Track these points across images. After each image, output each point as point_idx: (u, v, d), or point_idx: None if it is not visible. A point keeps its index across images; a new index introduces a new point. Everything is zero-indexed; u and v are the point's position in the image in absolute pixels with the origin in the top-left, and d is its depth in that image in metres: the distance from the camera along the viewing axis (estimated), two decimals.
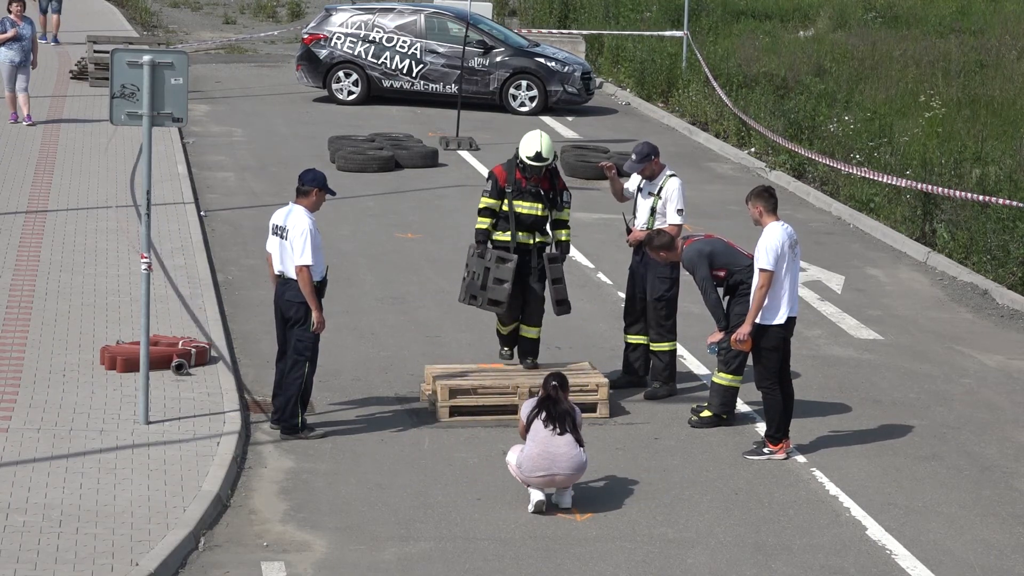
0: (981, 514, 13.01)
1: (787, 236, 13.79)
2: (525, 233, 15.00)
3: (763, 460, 13.92)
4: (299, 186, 13.94)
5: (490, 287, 14.84)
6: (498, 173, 15.03)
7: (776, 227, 13.81)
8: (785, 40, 35.89)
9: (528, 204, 14.97)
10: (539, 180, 14.97)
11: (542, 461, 12.51)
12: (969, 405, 15.71)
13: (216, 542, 11.88)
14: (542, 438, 12.55)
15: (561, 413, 12.63)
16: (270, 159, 25.56)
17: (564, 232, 15.20)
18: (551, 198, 15.03)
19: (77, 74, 31.85)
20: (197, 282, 18.09)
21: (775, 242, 13.69)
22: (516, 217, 14.93)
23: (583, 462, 12.65)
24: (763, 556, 12.05)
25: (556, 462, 12.52)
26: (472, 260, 15.01)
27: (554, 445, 12.53)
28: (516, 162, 14.94)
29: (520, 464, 12.61)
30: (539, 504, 12.56)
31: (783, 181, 25.44)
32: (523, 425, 12.72)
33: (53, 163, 23.90)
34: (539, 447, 12.53)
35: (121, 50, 13.86)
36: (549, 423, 12.58)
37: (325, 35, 30.79)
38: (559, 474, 12.55)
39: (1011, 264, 19.71)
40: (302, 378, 13.88)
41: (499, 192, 14.95)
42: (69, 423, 13.69)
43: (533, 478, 12.56)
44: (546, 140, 14.91)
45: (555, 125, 29.61)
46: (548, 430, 12.56)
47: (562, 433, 12.56)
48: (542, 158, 14.86)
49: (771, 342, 13.83)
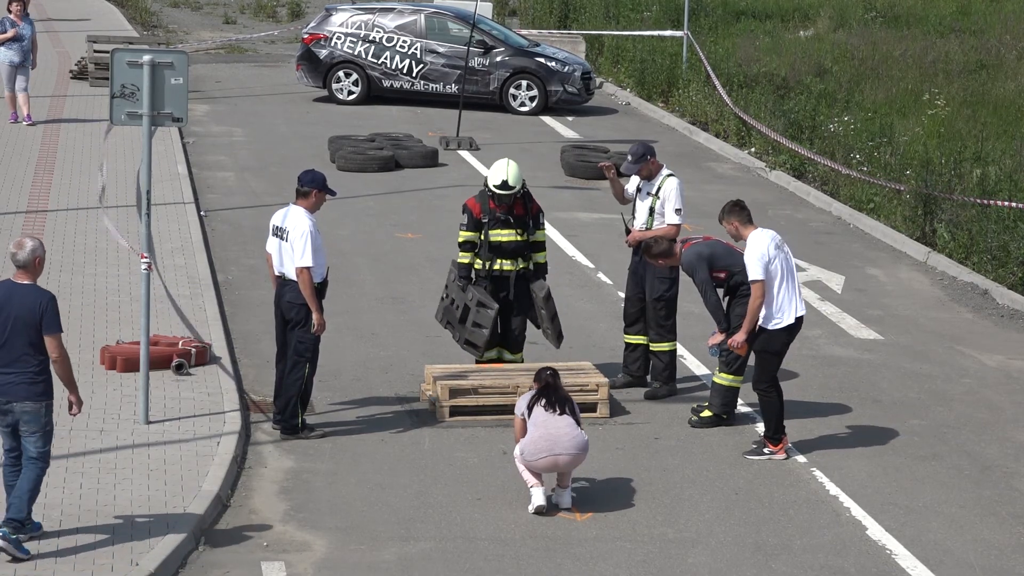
0: (981, 514, 13.01)
1: (771, 240, 13.83)
2: (509, 262, 15.13)
3: (763, 460, 13.92)
4: (298, 187, 13.93)
5: (469, 328, 15.01)
6: (471, 206, 15.22)
7: (757, 235, 13.85)
8: (785, 40, 35.88)
9: (507, 232, 15.11)
10: (509, 208, 15.09)
11: (544, 443, 12.51)
12: (969, 405, 15.71)
13: (216, 542, 11.88)
14: (542, 420, 12.59)
15: (561, 398, 12.71)
16: (270, 159, 25.55)
17: (541, 255, 15.37)
18: (526, 222, 15.18)
19: (77, 74, 31.83)
20: (197, 282, 18.09)
21: (760, 250, 13.73)
22: (497, 246, 15.09)
23: (585, 441, 12.66)
24: (763, 556, 12.05)
25: (558, 442, 12.51)
26: (453, 287, 15.22)
27: (555, 426, 12.54)
28: (487, 192, 15.05)
29: (523, 450, 12.63)
30: (539, 508, 12.56)
31: (783, 181, 25.44)
32: (519, 421, 12.74)
33: (53, 163, 23.89)
34: (540, 429, 12.56)
35: (121, 50, 13.88)
36: (549, 407, 12.61)
37: (325, 35, 30.77)
38: (562, 454, 12.53)
39: (1011, 264, 19.71)
40: (302, 379, 13.88)
41: (476, 224, 15.13)
42: (69, 423, 13.68)
43: (537, 462, 12.55)
44: (513, 168, 15.05)
45: (555, 125, 29.61)
46: (548, 412, 12.59)
47: (561, 414, 12.60)
48: (508, 186, 15.00)
49: (774, 346, 13.83)
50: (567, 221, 22.04)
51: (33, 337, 11.09)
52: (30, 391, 11.12)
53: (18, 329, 11.08)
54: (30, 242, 11.31)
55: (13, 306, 11.10)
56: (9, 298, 11.14)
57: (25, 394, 11.11)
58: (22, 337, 11.08)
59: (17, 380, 11.10)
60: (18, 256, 11.24)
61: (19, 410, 11.15)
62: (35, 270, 11.26)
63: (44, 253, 11.36)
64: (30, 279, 11.24)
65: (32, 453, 11.23)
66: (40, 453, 11.23)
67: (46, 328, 11.08)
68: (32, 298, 11.11)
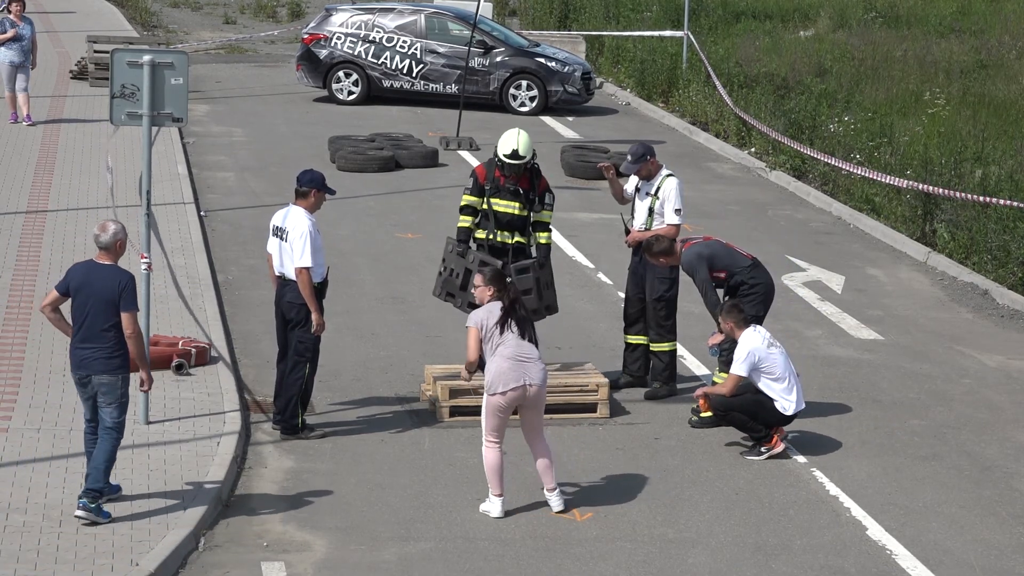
0: (981, 514, 13.01)
1: (762, 340, 13.95)
2: (504, 232, 15.02)
3: (763, 460, 13.91)
4: (297, 187, 13.92)
5: (470, 290, 14.83)
6: (479, 171, 15.14)
7: (749, 335, 13.97)
8: (785, 40, 35.89)
9: (506, 202, 15.00)
10: (518, 179, 14.96)
11: (514, 372, 12.19)
12: (969, 405, 15.71)
13: (216, 542, 11.88)
14: (512, 343, 12.31)
15: (524, 319, 12.43)
16: (270, 159, 25.56)
17: (544, 235, 15.17)
18: (530, 198, 15.03)
19: (77, 74, 31.85)
20: (197, 282, 18.09)
21: (749, 348, 13.84)
22: (494, 216, 14.96)
23: (547, 375, 12.45)
24: (763, 556, 12.05)
25: (528, 371, 12.24)
26: (450, 256, 14.99)
27: (524, 351, 12.29)
28: (496, 160, 14.97)
29: (492, 383, 12.25)
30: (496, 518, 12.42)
31: (783, 181, 25.44)
32: (475, 333, 12.41)
33: (53, 163, 23.90)
34: (511, 350, 12.27)
35: (121, 50, 13.88)
36: (520, 332, 12.32)
37: (325, 35, 30.78)
38: (532, 384, 12.25)
39: (1011, 264, 19.71)
40: (302, 379, 13.88)
41: (479, 190, 15.02)
42: (69, 423, 13.69)
43: (507, 394, 12.20)
44: (524, 138, 14.94)
45: (555, 125, 29.62)
46: (515, 335, 12.32)
47: (529, 340, 12.36)
48: (519, 155, 14.87)
49: (761, 411, 13.93)
50: (567, 221, 22.03)
51: (111, 314, 11.78)
52: (107, 364, 11.80)
53: (98, 307, 11.79)
54: (113, 225, 12.02)
55: (93, 285, 11.83)
56: (89, 278, 11.88)
57: (103, 368, 11.80)
58: (101, 314, 11.79)
59: (95, 355, 11.80)
60: (101, 238, 11.99)
61: (97, 382, 11.84)
62: (116, 252, 12.01)
63: (126, 237, 12.09)
64: (111, 260, 11.98)
65: (108, 423, 11.90)
66: (115, 423, 11.91)
67: (124, 306, 11.77)
68: (112, 278, 11.83)
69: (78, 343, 11.85)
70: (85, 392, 11.94)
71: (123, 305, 11.75)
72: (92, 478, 11.83)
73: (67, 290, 11.95)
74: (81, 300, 11.83)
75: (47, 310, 12.07)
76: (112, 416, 11.88)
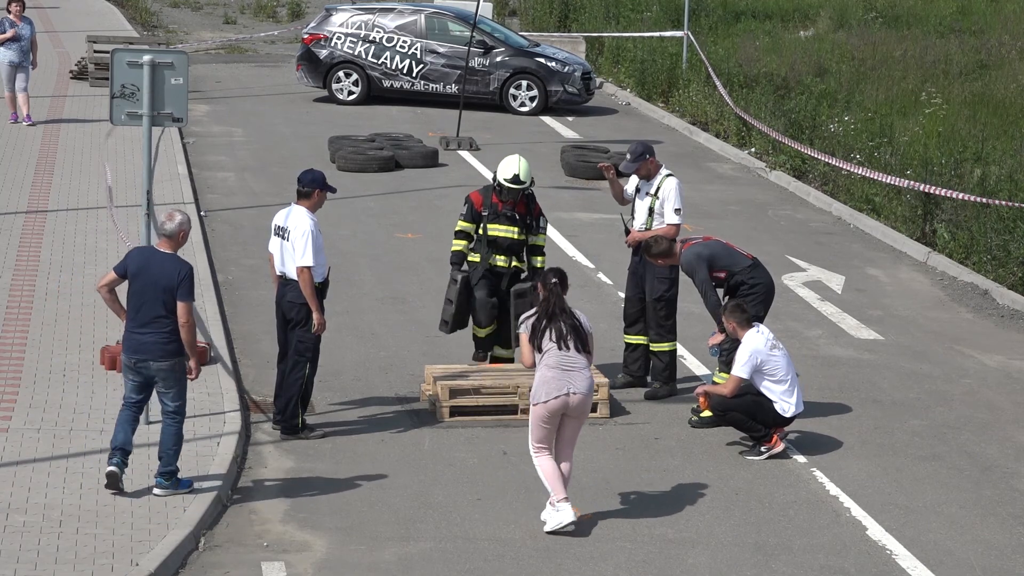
0: (981, 514, 13.01)
1: (765, 341, 13.95)
2: (503, 257, 15.23)
3: (763, 459, 13.91)
4: (299, 188, 13.93)
5: (444, 307, 15.28)
6: (474, 198, 15.40)
7: (751, 336, 13.97)
8: (785, 40, 35.88)
9: (504, 227, 15.24)
10: (515, 204, 15.23)
11: (557, 381, 12.11)
12: (969, 405, 15.71)
13: (216, 542, 11.88)
14: (554, 353, 12.23)
15: (571, 328, 12.30)
16: (270, 159, 25.55)
17: (540, 259, 15.42)
18: (527, 222, 15.28)
19: (77, 74, 31.84)
20: (197, 282, 18.04)
21: (751, 349, 13.84)
22: (493, 240, 15.20)
23: (593, 383, 12.36)
24: (763, 556, 12.05)
25: (572, 380, 12.16)
26: (450, 289, 15.38)
27: (568, 360, 12.21)
28: (493, 186, 15.24)
29: (535, 392, 12.20)
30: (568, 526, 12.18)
31: (783, 181, 25.44)
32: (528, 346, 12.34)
33: (53, 163, 23.90)
34: (554, 359, 12.19)
35: (121, 50, 13.88)
36: (562, 344, 12.22)
37: (325, 35, 30.78)
38: (575, 393, 12.13)
39: (1011, 264, 19.71)
40: (303, 379, 13.88)
41: (475, 216, 15.30)
42: (69, 423, 13.69)
43: (550, 403, 12.12)
44: (524, 164, 15.24)
45: (555, 125, 29.61)
46: (561, 350, 12.21)
47: (577, 351, 12.26)
48: (519, 181, 15.15)
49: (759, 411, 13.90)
50: (567, 221, 22.04)
51: (168, 301, 12.04)
52: (165, 350, 12.10)
53: (156, 294, 12.06)
54: (179, 215, 12.29)
55: (152, 272, 12.10)
56: (148, 264, 12.15)
57: (161, 353, 12.10)
58: (159, 301, 12.05)
59: (152, 340, 12.08)
60: (166, 226, 12.22)
61: (155, 368, 12.15)
62: (179, 241, 12.27)
63: (190, 228, 12.40)
64: (171, 248, 12.24)
65: (169, 408, 12.29)
66: (176, 407, 12.29)
67: (181, 295, 12.04)
68: (172, 266, 12.10)
69: (134, 328, 12.08)
70: (137, 376, 12.19)
71: (180, 295, 12.00)
72: (164, 461, 12.24)
73: (125, 272, 12.19)
74: (139, 286, 12.07)
75: (103, 290, 12.31)
76: (173, 400, 12.23)
